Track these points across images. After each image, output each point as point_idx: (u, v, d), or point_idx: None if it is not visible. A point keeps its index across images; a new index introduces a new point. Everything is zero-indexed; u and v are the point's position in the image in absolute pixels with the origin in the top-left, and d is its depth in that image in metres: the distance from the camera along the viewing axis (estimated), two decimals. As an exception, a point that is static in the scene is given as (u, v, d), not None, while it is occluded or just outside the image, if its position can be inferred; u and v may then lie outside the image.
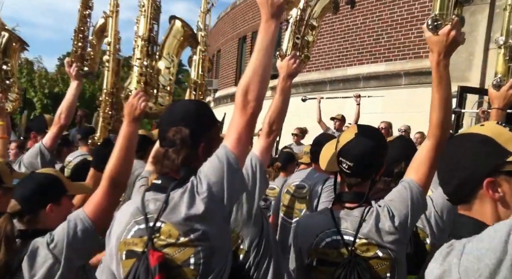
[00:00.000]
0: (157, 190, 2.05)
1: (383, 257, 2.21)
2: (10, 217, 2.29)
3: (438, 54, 2.15)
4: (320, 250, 2.32)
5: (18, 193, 2.38)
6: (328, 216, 2.36)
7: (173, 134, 2.06)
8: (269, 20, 2.13)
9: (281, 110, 2.81)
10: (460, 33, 2.16)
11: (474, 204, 1.47)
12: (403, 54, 11.35)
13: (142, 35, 2.94)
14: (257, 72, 2.06)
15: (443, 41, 2.13)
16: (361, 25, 12.55)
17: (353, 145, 2.34)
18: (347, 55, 12.97)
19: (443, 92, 2.17)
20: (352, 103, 9.94)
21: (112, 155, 2.40)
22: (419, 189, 2.24)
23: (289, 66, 2.83)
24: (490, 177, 1.41)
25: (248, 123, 2.05)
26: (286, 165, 5.60)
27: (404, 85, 11.16)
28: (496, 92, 2.57)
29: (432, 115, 2.20)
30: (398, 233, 2.21)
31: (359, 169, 2.34)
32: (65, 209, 2.45)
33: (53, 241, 2.17)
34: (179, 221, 1.93)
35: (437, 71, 2.16)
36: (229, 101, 19.30)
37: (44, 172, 2.60)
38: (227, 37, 21.30)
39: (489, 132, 1.48)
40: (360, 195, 2.35)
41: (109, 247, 2.10)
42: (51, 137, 3.76)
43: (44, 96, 28.14)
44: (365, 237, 2.23)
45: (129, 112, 2.56)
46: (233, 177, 1.99)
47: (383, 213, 2.24)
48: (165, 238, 1.94)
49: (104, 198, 2.30)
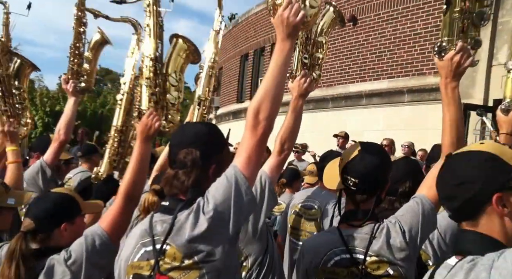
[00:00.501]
0: (165, 212, 2.02)
1: (393, 275, 2.18)
2: (24, 235, 2.31)
3: (445, 78, 2.24)
4: (328, 269, 2.28)
5: (33, 212, 2.40)
6: (336, 234, 2.33)
7: (184, 156, 2.05)
8: (285, 40, 2.13)
9: (293, 130, 2.86)
10: (468, 57, 2.24)
11: (481, 219, 1.48)
12: (406, 71, 11.35)
13: (149, 54, 2.97)
14: (269, 92, 2.05)
15: (448, 66, 2.22)
16: (364, 42, 12.59)
17: (358, 161, 2.33)
18: (349, 72, 13.00)
19: (453, 114, 2.23)
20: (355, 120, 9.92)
21: (127, 172, 2.49)
22: (431, 205, 2.23)
23: (300, 86, 2.91)
24: (498, 193, 1.44)
25: (258, 144, 2.02)
26: (291, 181, 5.59)
27: (407, 102, 11.15)
28: (505, 116, 2.60)
29: (444, 137, 2.27)
30: (409, 249, 2.19)
31: (365, 185, 2.32)
32: (78, 227, 2.49)
33: (71, 257, 2.21)
34: (183, 243, 1.90)
35: (446, 93, 2.24)
36: (231, 119, 19.33)
37: (59, 191, 2.65)
38: (229, 54, 21.40)
39: (492, 150, 1.51)
40: (366, 212, 2.32)
41: (117, 270, 2.08)
42: (51, 154, 3.81)
43: (46, 115, 28.27)
44: (376, 254, 2.20)
45: (142, 131, 2.63)
46: (240, 197, 1.95)
47: (395, 229, 2.22)
48: (170, 261, 1.91)
49: (119, 213, 2.36)
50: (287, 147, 2.82)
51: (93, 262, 2.22)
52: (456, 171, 1.56)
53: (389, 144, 8.94)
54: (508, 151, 1.51)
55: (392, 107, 11.50)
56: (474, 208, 1.49)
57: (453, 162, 1.60)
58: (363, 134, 10.78)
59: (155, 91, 2.90)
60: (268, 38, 17.00)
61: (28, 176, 3.65)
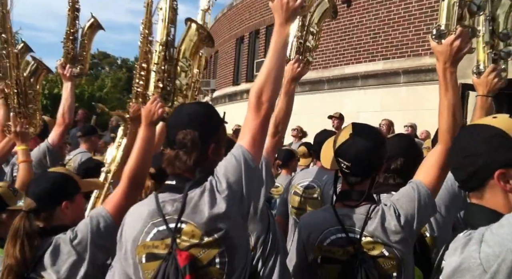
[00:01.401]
0: (173, 191, 2.07)
1: (389, 256, 2.21)
2: (26, 214, 2.36)
3: (443, 63, 2.19)
4: (324, 248, 2.32)
5: (32, 191, 2.46)
6: (332, 213, 2.35)
7: (183, 137, 2.09)
8: (283, 25, 2.19)
9: (286, 112, 2.96)
10: (467, 42, 2.20)
11: (485, 193, 1.51)
12: (401, 53, 11.33)
13: (160, 40, 2.93)
14: (271, 74, 2.14)
15: (447, 51, 2.17)
16: (358, 24, 12.54)
17: (349, 145, 2.35)
18: (345, 54, 12.96)
19: (450, 99, 2.20)
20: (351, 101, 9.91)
21: (131, 157, 2.53)
22: (427, 191, 2.25)
23: (293, 70, 3.00)
24: (502, 169, 1.45)
25: (262, 124, 2.13)
26: (287, 161, 5.58)
27: (402, 83, 11.15)
28: (477, 79, 2.63)
29: (441, 121, 2.25)
30: (404, 233, 2.21)
31: (358, 169, 2.34)
32: (79, 205, 2.58)
33: (77, 237, 2.29)
34: (203, 221, 1.95)
35: (444, 78, 2.20)
36: (227, 101, 19.31)
37: (57, 170, 2.72)
38: (224, 38, 21.30)
39: (503, 126, 1.51)
40: (361, 194, 2.34)
41: (122, 251, 2.10)
42: (57, 136, 3.95)
43: (44, 97, 28.13)
44: (371, 235, 2.23)
45: (146, 116, 2.66)
46: (250, 175, 2.05)
47: (389, 212, 2.24)
48: (188, 239, 1.96)
49: (123, 197, 2.40)
50: (281, 128, 2.93)
51: (98, 244, 2.28)
52: (464, 143, 1.58)
53: (387, 124, 8.94)
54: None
55: (388, 88, 11.48)
56: (478, 181, 1.51)
57: (463, 133, 1.63)
58: (359, 116, 10.80)
59: (162, 77, 2.88)
60: (263, 20, 16.91)
61: (35, 158, 3.74)
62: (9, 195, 2.86)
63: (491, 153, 1.48)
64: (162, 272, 1.92)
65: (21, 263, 2.25)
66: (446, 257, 1.49)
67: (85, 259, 2.26)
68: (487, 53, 2.62)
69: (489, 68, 2.58)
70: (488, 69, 2.58)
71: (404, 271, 2.23)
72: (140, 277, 2.03)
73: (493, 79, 2.56)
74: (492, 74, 2.56)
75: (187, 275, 1.88)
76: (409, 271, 2.27)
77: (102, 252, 2.32)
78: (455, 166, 1.63)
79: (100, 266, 2.33)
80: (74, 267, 2.25)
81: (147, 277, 2.00)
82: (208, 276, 1.96)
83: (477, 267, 1.31)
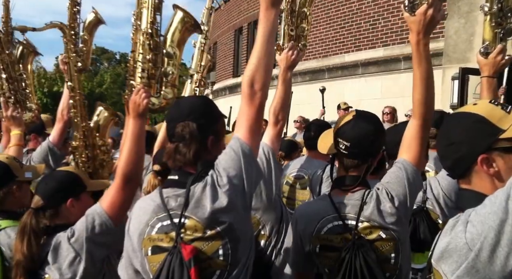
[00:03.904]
0: (176, 186, 2.10)
1: (386, 238, 2.24)
2: (34, 212, 2.44)
3: (417, 34, 2.17)
4: (322, 237, 2.34)
5: (41, 189, 2.52)
6: (328, 201, 2.38)
7: (181, 129, 2.11)
8: (269, 9, 2.16)
9: (284, 101, 2.98)
10: (439, 10, 2.17)
11: (472, 178, 1.55)
12: (401, 39, 11.26)
13: (145, 28, 2.82)
14: (261, 62, 2.14)
15: (421, 21, 2.15)
16: (357, 11, 12.47)
17: (351, 125, 2.37)
18: (344, 42, 12.91)
19: (423, 71, 2.20)
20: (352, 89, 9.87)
21: (123, 151, 2.49)
22: (413, 168, 2.28)
23: (288, 58, 3.00)
24: (484, 154, 1.50)
25: (257, 113, 2.13)
26: (289, 152, 5.57)
27: (403, 69, 11.09)
28: (485, 59, 2.59)
29: (415, 94, 2.24)
30: (399, 213, 2.25)
31: (356, 150, 2.35)
32: (85, 204, 2.58)
33: (74, 235, 2.32)
34: (205, 216, 2.00)
35: (417, 50, 2.19)
36: (227, 93, 19.28)
37: (64, 169, 2.80)
38: (222, 29, 21.23)
39: (483, 112, 1.54)
40: (357, 178, 2.37)
41: (129, 243, 2.15)
42: (57, 134, 3.95)
43: (44, 96, 28.15)
44: (367, 220, 2.25)
45: (132, 109, 2.60)
46: (250, 167, 2.08)
47: (382, 195, 2.27)
48: (192, 233, 2.01)
49: (118, 193, 2.39)
50: (281, 117, 2.94)
51: (94, 241, 2.31)
52: (448, 131, 1.63)
53: (391, 112, 8.94)
54: (497, 112, 1.53)
55: (389, 75, 11.45)
56: (464, 168, 1.56)
57: (447, 122, 1.66)
58: (361, 103, 10.77)
59: (146, 67, 2.80)
60: (261, 10, 16.83)
61: (39, 158, 3.79)
62: (16, 167, 2.93)
63: (472, 140, 1.52)
64: (167, 265, 1.96)
65: (29, 259, 2.32)
66: (438, 241, 1.53)
67: (83, 256, 2.29)
68: (495, 32, 2.57)
69: (497, 49, 2.55)
70: (497, 49, 2.55)
71: (401, 251, 2.27)
72: (147, 269, 2.08)
73: (500, 60, 2.55)
74: (500, 55, 2.54)
75: (191, 268, 1.91)
76: (405, 249, 2.31)
77: (99, 249, 2.34)
78: (441, 155, 1.67)
79: (100, 261, 2.37)
80: (73, 264, 2.29)
81: (152, 269, 2.05)
82: (212, 268, 2.01)
83: (462, 246, 1.35)
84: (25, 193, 2.96)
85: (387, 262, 2.24)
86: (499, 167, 1.49)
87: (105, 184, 2.95)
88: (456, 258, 1.37)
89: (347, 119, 2.40)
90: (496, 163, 1.49)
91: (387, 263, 2.24)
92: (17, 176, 2.88)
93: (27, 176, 2.96)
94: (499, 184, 1.48)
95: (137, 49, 2.86)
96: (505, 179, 1.46)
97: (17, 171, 2.90)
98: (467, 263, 1.33)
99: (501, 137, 1.48)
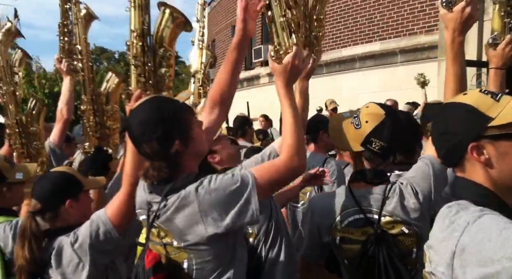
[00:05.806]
0: (155, 192, 2.03)
1: (409, 233, 2.24)
2: (33, 215, 2.37)
3: (453, 31, 2.13)
4: (343, 229, 2.34)
5: (37, 193, 2.46)
6: (349, 194, 2.37)
7: (145, 150, 2.02)
8: (287, 86, 2.12)
9: (304, 110, 2.92)
10: (477, 9, 2.12)
11: (465, 166, 1.58)
12: (397, 32, 11.31)
13: (136, 30, 2.65)
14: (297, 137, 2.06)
15: (458, 19, 2.10)
16: (353, 5, 12.51)
17: (387, 125, 2.34)
18: (341, 36, 12.94)
19: (457, 69, 2.15)
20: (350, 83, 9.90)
21: (127, 160, 2.35)
22: (439, 164, 2.23)
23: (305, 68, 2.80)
24: (474, 142, 1.52)
25: (286, 173, 2.03)
26: None
27: (400, 63, 11.16)
28: (493, 51, 2.49)
29: (447, 90, 2.18)
30: (423, 209, 2.23)
31: (390, 149, 2.35)
32: (84, 204, 2.56)
33: (77, 241, 2.26)
34: (173, 230, 1.95)
35: (452, 48, 2.15)
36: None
37: (59, 170, 2.69)
38: (220, 26, 21.23)
39: (471, 101, 1.56)
40: (382, 173, 2.37)
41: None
42: (58, 134, 3.92)
43: (45, 96, 28.07)
44: (390, 214, 2.25)
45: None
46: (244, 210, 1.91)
47: (407, 191, 2.25)
48: (164, 237, 1.99)
49: (124, 202, 2.28)
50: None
51: (97, 248, 2.24)
52: (440, 121, 1.66)
53: (393, 105, 8.97)
54: (487, 101, 1.55)
55: (386, 68, 11.49)
56: (456, 156, 1.59)
57: (440, 112, 1.69)
58: (359, 97, 10.83)
59: (143, 71, 2.64)
60: (258, 7, 16.80)
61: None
62: (6, 168, 2.87)
63: (463, 129, 1.55)
64: (135, 270, 1.99)
65: (32, 263, 2.27)
66: (434, 224, 1.57)
67: (86, 262, 2.23)
68: (505, 22, 2.47)
69: (507, 39, 2.44)
70: (506, 40, 2.44)
71: (422, 246, 2.27)
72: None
73: (509, 51, 2.44)
74: (509, 47, 2.44)
75: (151, 277, 1.88)
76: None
77: (102, 256, 2.28)
78: (435, 144, 1.69)
79: (103, 265, 2.31)
80: (77, 270, 2.24)
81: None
82: (182, 276, 1.96)
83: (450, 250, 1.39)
84: (16, 193, 2.90)
85: (409, 256, 2.24)
86: (490, 154, 1.51)
87: (101, 181, 2.88)
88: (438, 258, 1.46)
89: (380, 119, 2.35)
90: (486, 150, 1.51)
91: (409, 257, 2.24)
92: (6, 178, 2.82)
93: (18, 177, 2.89)
94: (492, 171, 1.52)
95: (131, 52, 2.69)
96: (496, 166, 1.50)
97: (7, 172, 2.84)
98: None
99: (490, 125, 1.50)
